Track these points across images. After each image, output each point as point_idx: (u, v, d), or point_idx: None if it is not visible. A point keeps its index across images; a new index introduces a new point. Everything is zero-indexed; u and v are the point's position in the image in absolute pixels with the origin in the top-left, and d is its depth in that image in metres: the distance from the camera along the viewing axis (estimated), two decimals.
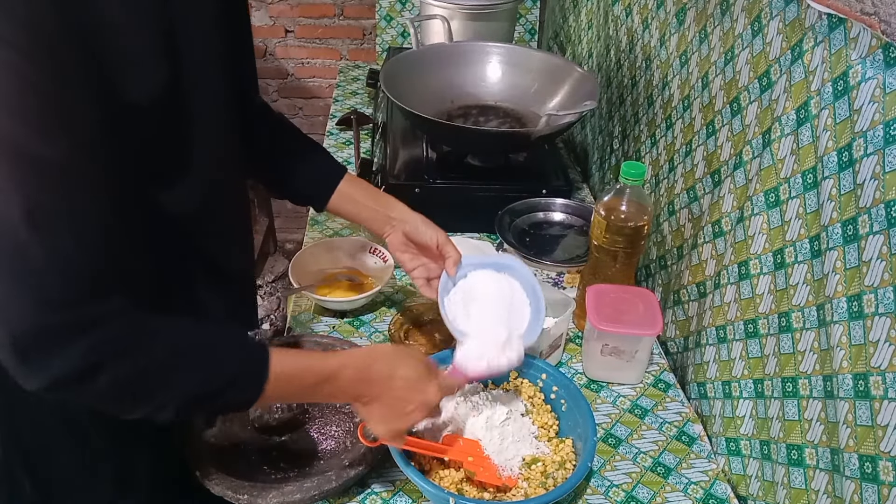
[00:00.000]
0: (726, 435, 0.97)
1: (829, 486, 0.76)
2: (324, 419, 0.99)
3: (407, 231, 1.00)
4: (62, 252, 0.60)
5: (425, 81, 1.50)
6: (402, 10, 2.10)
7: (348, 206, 1.01)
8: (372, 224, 1.02)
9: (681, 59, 1.15)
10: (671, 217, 1.18)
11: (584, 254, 1.21)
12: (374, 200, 1.01)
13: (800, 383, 0.81)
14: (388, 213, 1.00)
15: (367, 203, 1.01)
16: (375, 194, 1.02)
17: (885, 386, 0.67)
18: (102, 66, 0.61)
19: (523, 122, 1.50)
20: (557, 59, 1.57)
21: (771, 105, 0.89)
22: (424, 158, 1.44)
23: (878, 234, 0.68)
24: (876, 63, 0.69)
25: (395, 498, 0.90)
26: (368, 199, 1.01)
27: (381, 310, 1.21)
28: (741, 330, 0.94)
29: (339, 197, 1.00)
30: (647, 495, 0.92)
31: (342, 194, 1.00)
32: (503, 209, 1.30)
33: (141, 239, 0.73)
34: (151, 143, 0.69)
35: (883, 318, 0.67)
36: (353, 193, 1.01)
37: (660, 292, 1.23)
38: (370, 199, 1.01)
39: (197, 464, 0.86)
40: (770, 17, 0.89)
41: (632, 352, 1.05)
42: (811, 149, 0.80)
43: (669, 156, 1.20)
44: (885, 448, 0.67)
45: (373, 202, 1.01)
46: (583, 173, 1.66)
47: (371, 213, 1.01)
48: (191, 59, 0.70)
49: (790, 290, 0.84)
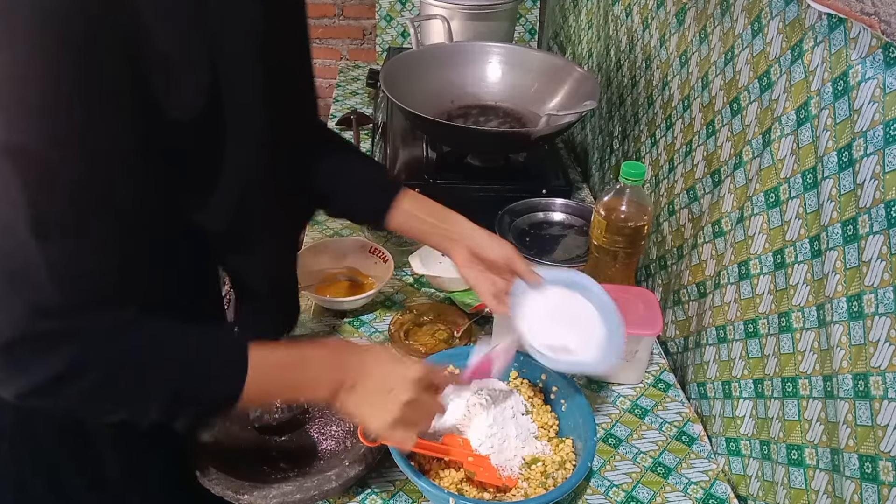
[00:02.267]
0: (726, 435, 0.97)
1: (829, 486, 0.76)
2: (324, 419, 0.99)
3: (473, 247, 0.96)
4: (61, 261, 0.60)
5: (425, 81, 1.50)
6: (402, 10, 2.10)
7: (410, 223, 0.97)
8: (435, 241, 0.98)
9: (681, 59, 1.15)
10: (671, 217, 1.18)
11: (584, 254, 1.21)
12: (436, 216, 0.98)
13: (800, 383, 0.81)
14: (452, 229, 0.97)
15: (428, 219, 0.97)
16: (436, 210, 0.98)
17: (885, 386, 0.67)
18: (141, 80, 0.62)
19: (523, 122, 1.50)
20: (557, 59, 1.57)
21: (771, 105, 0.89)
22: (424, 158, 1.44)
23: (878, 234, 0.68)
24: (876, 63, 0.69)
25: (395, 498, 0.90)
26: (430, 216, 0.97)
27: (381, 310, 1.21)
28: (741, 330, 0.94)
29: (398, 213, 0.97)
30: (647, 495, 0.92)
31: (402, 211, 0.97)
32: (503, 209, 1.30)
33: (161, 252, 0.73)
34: (184, 158, 0.70)
35: (883, 318, 0.67)
36: (412, 209, 0.97)
37: (660, 292, 1.23)
38: (432, 215, 0.98)
39: (197, 464, 0.86)
40: (770, 17, 0.89)
41: (632, 352, 1.05)
42: (811, 149, 0.80)
43: (669, 156, 1.20)
44: (885, 448, 0.67)
45: (435, 218, 0.97)
46: (583, 173, 1.66)
47: (433, 230, 0.97)
48: (230, 78, 0.69)
49: (790, 290, 0.84)
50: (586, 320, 0.94)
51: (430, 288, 1.25)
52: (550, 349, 0.91)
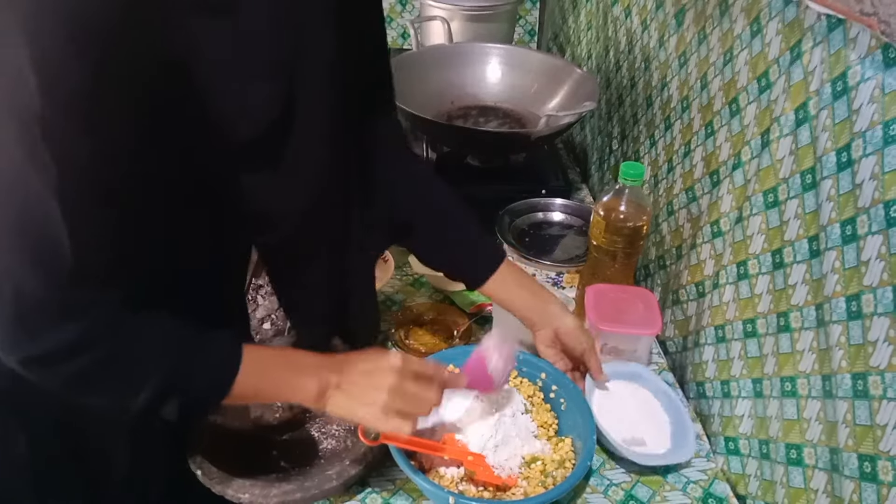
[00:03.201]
0: (725, 434, 0.97)
1: (827, 486, 0.76)
2: (325, 418, 0.99)
3: (560, 332, 0.97)
4: (82, 235, 0.62)
5: (425, 82, 1.51)
6: (403, 12, 2.10)
7: (505, 294, 0.98)
8: (524, 314, 0.99)
9: (680, 60, 1.15)
10: (670, 217, 1.18)
11: (583, 254, 1.22)
12: (531, 291, 0.99)
13: (798, 383, 0.82)
14: (545, 308, 0.98)
15: (522, 293, 0.98)
16: (532, 284, 1.00)
17: (883, 386, 0.67)
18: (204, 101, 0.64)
19: (523, 123, 1.50)
20: (557, 60, 1.58)
21: (770, 105, 0.89)
22: (424, 159, 1.45)
23: (877, 234, 0.68)
24: (875, 63, 0.69)
25: (395, 497, 0.90)
26: (524, 289, 0.98)
27: (382, 310, 1.21)
28: (740, 329, 0.94)
29: (496, 282, 0.97)
30: (647, 494, 0.92)
31: (500, 280, 0.97)
32: (503, 209, 1.30)
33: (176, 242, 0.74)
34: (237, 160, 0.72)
35: (881, 318, 0.68)
36: (510, 280, 0.98)
37: (659, 292, 1.23)
38: (527, 289, 0.98)
39: (197, 463, 0.86)
40: (769, 17, 0.90)
41: (631, 351, 1.05)
42: (810, 149, 0.80)
43: (668, 156, 1.20)
44: (883, 448, 0.67)
45: (529, 293, 0.98)
46: (582, 174, 1.66)
47: (527, 304, 0.98)
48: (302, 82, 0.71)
49: (789, 289, 0.84)
50: (652, 410, 1.00)
51: (429, 288, 1.26)
52: (627, 443, 0.95)
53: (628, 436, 0.96)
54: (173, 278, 0.74)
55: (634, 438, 0.96)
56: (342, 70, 0.76)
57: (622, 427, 0.96)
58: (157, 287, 0.71)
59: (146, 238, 0.69)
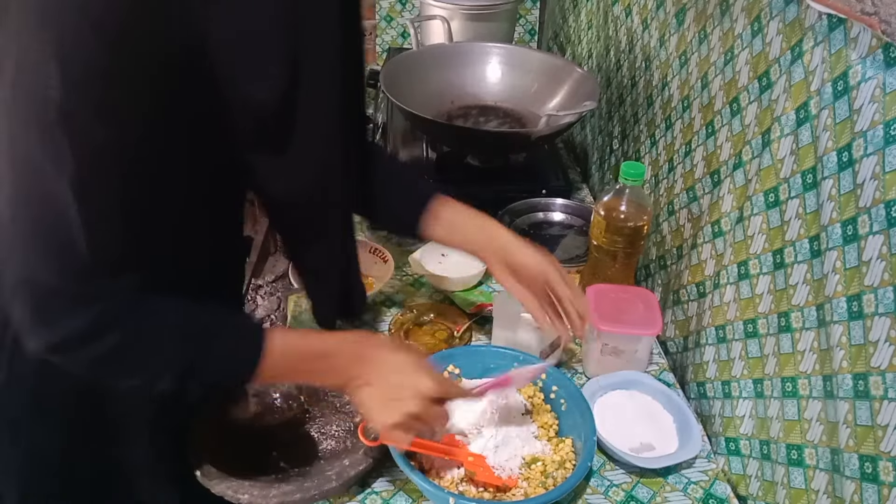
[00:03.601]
0: (726, 435, 0.97)
1: (828, 486, 0.76)
2: (324, 419, 0.99)
3: (513, 263, 0.92)
4: (96, 223, 0.63)
5: (425, 82, 1.51)
6: (403, 11, 2.10)
7: (448, 232, 0.95)
8: (472, 249, 0.96)
9: (680, 60, 1.15)
10: (671, 217, 1.18)
11: (583, 254, 1.21)
12: (477, 225, 0.95)
13: (799, 383, 0.82)
14: (492, 241, 0.93)
15: (468, 229, 0.94)
16: (477, 218, 0.95)
17: (884, 386, 0.67)
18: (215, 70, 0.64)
19: (523, 123, 1.50)
20: (557, 60, 1.57)
21: (770, 105, 0.89)
22: (424, 158, 1.44)
23: (878, 234, 0.68)
24: (876, 63, 0.69)
25: (395, 498, 0.90)
26: (469, 224, 0.94)
27: (381, 310, 1.21)
28: (741, 330, 0.94)
29: (435, 222, 0.94)
30: (647, 495, 0.92)
31: (441, 220, 0.94)
32: (503, 209, 1.30)
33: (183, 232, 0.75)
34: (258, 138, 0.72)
35: (883, 318, 0.68)
36: (453, 219, 0.94)
37: (659, 292, 1.23)
38: (472, 224, 0.95)
39: (197, 463, 0.86)
40: (770, 17, 0.89)
41: (631, 352, 1.05)
42: (811, 149, 0.80)
43: (669, 156, 1.20)
44: (885, 448, 0.67)
45: (475, 227, 0.94)
46: (582, 173, 1.66)
47: (474, 238, 0.94)
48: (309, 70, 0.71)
49: (790, 290, 0.84)
50: (654, 413, 1.00)
51: (429, 288, 1.25)
52: (634, 451, 0.95)
53: (636, 444, 0.96)
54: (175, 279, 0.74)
55: (643, 444, 0.96)
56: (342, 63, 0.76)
57: (628, 437, 0.96)
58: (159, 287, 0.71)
59: (154, 230, 0.70)
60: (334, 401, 1.00)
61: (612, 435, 0.96)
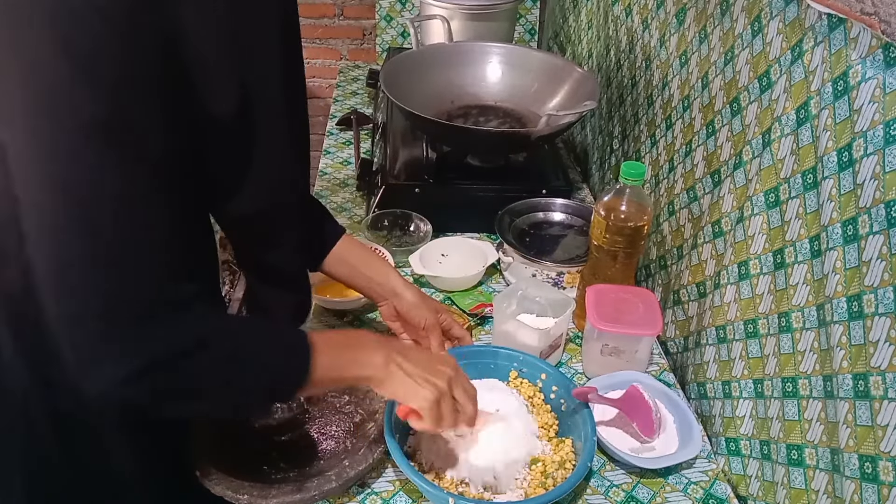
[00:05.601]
0: (726, 435, 0.97)
1: (829, 486, 0.76)
2: (324, 419, 0.99)
3: (398, 307, 1.01)
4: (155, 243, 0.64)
5: (425, 81, 1.50)
6: (402, 11, 2.10)
7: (342, 270, 1.01)
8: (364, 289, 1.03)
9: (681, 60, 1.15)
10: (671, 217, 1.18)
11: (583, 254, 1.21)
12: (369, 267, 1.02)
13: (800, 383, 0.81)
14: (381, 284, 1.01)
15: (361, 270, 1.01)
16: (370, 260, 1.03)
17: (884, 386, 0.67)
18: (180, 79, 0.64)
19: (523, 123, 1.50)
20: (557, 60, 1.57)
21: (771, 105, 0.89)
22: (424, 158, 1.44)
23: (878, 234, 0.68)
24: (876, 63, 0.69)
25: (395, 498, 0.90)
26: (363, 265, 1.02)
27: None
28: (741, 330, 0.94)
29: (333, 259, 1.00)
30: (647, 495, 0.92)
31: (336, 257, 1.00)
32: (503, 209, 1.30)
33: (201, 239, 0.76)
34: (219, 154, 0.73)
35: (883, 319, 0.67)
36: (348, 257, 1.01)
37: (660, 292, 1.23)
38: (364, 265, 1.02)
39: (197, 464, 0.86)
40: (770, 17, 0.89)
41: (632, 352, 1.05)
42: (811, 149, 0.80)
43: (669, 156, 1.20)
44: (885, 448, 0.67)
45: (367, 269, 1.02)
46: (583, 173, 1.66)
47: (364, 282, 1.02)
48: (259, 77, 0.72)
49: (790, 290, 0.84)
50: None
51: (430, 288, 1.25)
52: (635, 451, 0.95)
53: (636, 444, 0.96)
54: None
55: (644, 445, 0.96)
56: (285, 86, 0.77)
57: (628, 437, 0.97)
58: None
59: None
60: (334, 401, 1.00)
61: (613, 435, 0.96)
